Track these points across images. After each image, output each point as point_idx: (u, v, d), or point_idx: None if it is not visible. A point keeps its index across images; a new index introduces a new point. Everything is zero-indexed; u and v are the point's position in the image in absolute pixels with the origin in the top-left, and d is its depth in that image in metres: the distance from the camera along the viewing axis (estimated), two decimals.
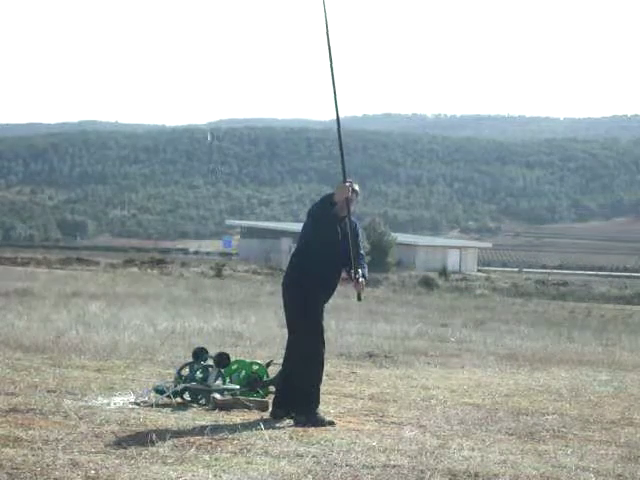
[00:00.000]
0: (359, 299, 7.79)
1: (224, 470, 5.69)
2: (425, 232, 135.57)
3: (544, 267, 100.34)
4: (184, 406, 7.97)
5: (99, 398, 8.03)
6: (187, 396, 8.17)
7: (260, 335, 14.75)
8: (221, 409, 7.82)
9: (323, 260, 7.54)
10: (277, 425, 7.28)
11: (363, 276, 7.62)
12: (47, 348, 11.36)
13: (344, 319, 19.75)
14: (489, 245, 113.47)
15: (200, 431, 6.83)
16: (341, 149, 7.70)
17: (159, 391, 8.15)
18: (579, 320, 26.42)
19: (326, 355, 7.85)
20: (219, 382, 8.27)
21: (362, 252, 7.76)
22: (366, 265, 7.79)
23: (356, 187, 7.74)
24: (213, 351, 8.72)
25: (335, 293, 7.87)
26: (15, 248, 75.37)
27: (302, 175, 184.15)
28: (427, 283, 44.83)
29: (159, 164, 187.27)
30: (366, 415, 8.02)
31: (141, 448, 6.13)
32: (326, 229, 7.51)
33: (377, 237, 71.78)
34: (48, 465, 5.55)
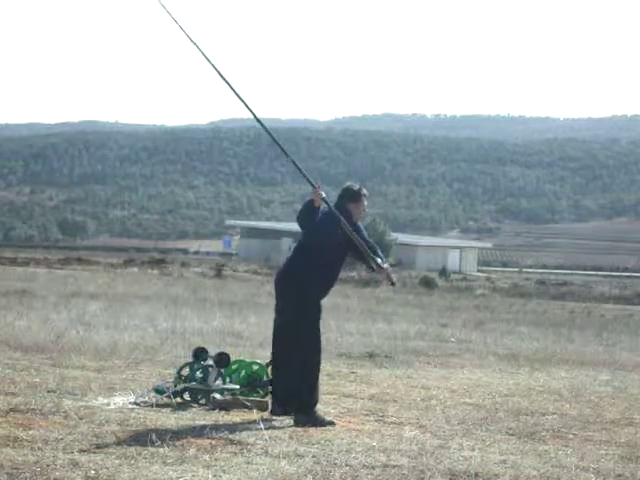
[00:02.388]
0: (393, 284, 8.06)
1: (224, 470, 5.69)
2: (425, 232, 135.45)
3: (544, 267, 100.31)
4: (184, 406, 7.97)
5: (99, 398, 8.04)
6: (187, 396, 8.18)
7: (260, 335, 14.74)
8: (221, 409, 7.82)
9: (326, 259, 7.57)
10: (277, 425, 7.28)
11: (382, 262, 7.72)
12: (47, 348, 11.36)
13: (344, 319, 19.75)
14: (489, 245, 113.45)
15: (200, 431, 6.83)
16: (290, 157, 7.67)
17: (159, 391, 8.15)
18: (579, 320, 26.42)
19: (325, 355, 7.87)
20: (219, 382, 8.27)
21: (371, 241, 7.84)
22: (379, 251, 7.85)
23: (364, 191, 7.89)
24: (213, 351, 8.73)
25: (335, 293, 7.90)
26: (15, 248, 75.33)
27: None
28: (427, 283, 44.82)
29: (159, 164, 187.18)
30: (366, 415, 8.02)
31: (141, 448, 6.13)
32: (329, 232, 7.54)
33: (377, 237, 71.87)
34: (48, 465, 5.55)
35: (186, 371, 8.47)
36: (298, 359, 7.50)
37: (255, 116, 7.80)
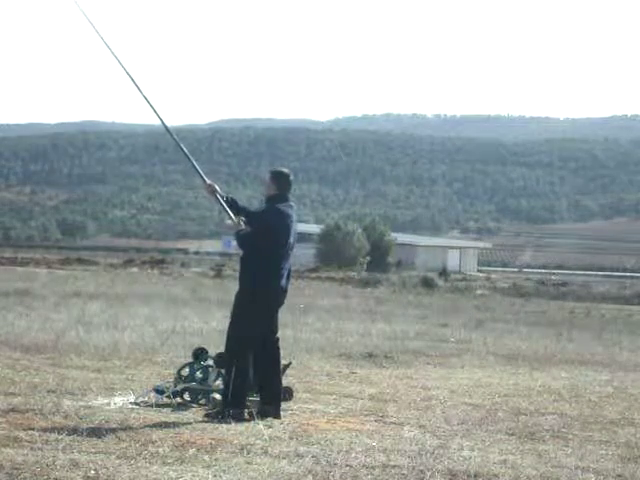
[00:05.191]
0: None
1: (224, 470, 5.70)
2: (425, 232, 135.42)
3: (544, 267, 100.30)
4: (184, 406, 7.98)
5: (99, 398, 8.04)
6: (187, 396, 8.18)
7: None
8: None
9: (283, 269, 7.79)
10: (277, 425, 7.28)
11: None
12: (47, 348, 11.37)
13: (344, 319, 19.76)
14: (489, 245, 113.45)
15: (200, 431, 6.84)
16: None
17: (159, 391, 8.15)
18: (579, 320, 26.42)
19: (325, 355, 7.87)
20: (219, 382, 8.28)
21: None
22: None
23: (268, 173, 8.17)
24: (213, 351, 8.74)
25: (335, 293, 7.91)
26: (15, 248, 75.28)
27: (302, 175, 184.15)
28: (427, 283, 44.75)
29: (159, 164, 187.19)
30: (366, 415, 8.03)
31: (141, 448, 6.14)
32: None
33: (377, 237, 71.86)
34: (48, 465, 5.56)
35: (186, 371, 8.47)
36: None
37: (158, 116, 8.39)
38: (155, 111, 8.20)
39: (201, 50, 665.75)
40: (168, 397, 8.01)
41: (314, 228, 77.00)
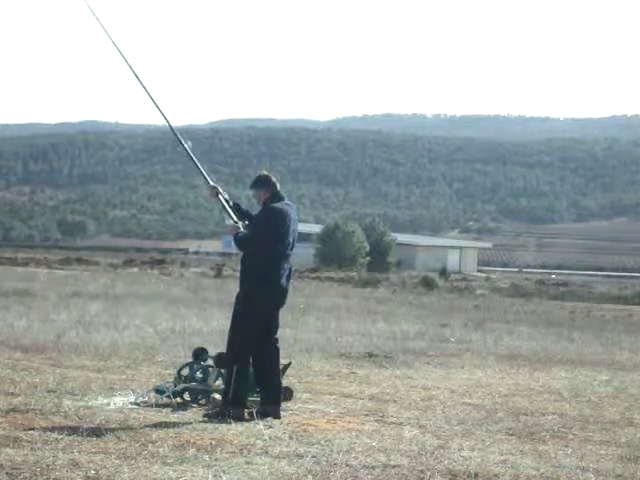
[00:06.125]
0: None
1: (224, 470, 5.70)
2: (425, 232, 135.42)
3: (544, 267, 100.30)
4: (184, 406, 7.98)
5: (99, 398, 8.05)
6: (187, 396, 8.19)
7: None
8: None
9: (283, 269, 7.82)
10: (277, 425, 7.29)
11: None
12: (47, 348, 11.38)
13: (344, 319, 19.76)
14: (489, 245, 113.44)
15: (200, 431, 6.84)
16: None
17: (159, 391, 8.16)
18: (579, 320, 26.41)
19: (325, 355, 7.87)
20: (219, 382, 8.28)
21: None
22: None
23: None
24: (213, 351, 8.74)
25: (335, 293, 7.92)
26: (15, 248, 75.26)
27: (302, 175, 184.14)
28: (427, 283, 44.73)
29: (159, 164, 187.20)
30: (366, 415, 8.03)
31: (141, 448, 6.14)
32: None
33: (377, 237, 71.87)
34: (48, 465, 5.56)
35: (186, 371, 8.47)
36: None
37: (164, 115, 8.45)
38: (160, 110, 8.20)
39: (201, 50, 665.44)
40: (168, 397, 8.01)
41: (314, 228, 76.96)
